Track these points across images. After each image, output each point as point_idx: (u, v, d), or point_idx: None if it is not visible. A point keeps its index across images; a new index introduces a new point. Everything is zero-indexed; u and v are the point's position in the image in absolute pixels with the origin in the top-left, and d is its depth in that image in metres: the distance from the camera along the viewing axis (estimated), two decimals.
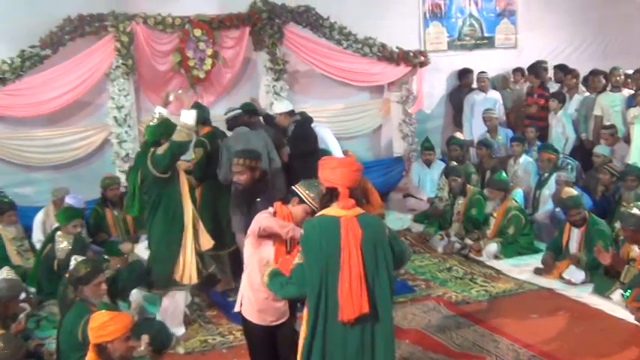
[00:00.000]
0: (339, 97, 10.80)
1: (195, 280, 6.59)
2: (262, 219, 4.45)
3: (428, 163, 10.55)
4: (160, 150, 6.33)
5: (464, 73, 11.64)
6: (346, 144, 10.30)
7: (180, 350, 6.45)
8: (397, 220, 9.73)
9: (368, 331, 3.91)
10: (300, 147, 8.15)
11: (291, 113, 8.54)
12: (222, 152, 7.46)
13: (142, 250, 7.21)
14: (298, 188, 4.66)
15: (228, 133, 8.01)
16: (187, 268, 6.44)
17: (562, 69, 11.35)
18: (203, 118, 7.66)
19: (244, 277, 4.69)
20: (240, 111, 8.24)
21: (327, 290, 3.86)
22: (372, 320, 3.89)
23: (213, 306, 7.42)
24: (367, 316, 3.84)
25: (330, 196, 3.96)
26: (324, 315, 3.89)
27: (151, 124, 6.60)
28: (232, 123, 8.08)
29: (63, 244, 6.66)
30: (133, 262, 6.89)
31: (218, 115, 8.53)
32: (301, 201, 4.61)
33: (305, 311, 4.01)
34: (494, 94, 11.35)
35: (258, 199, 6.22)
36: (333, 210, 3.92)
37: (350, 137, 10.80)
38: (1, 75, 8.44)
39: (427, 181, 10.49)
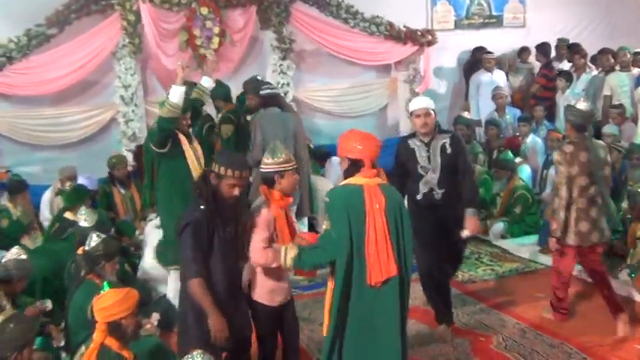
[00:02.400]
0: (346, 75, 10.77)
1: None
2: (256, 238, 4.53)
3: None
4: (154, 126, 6.38)
5: (478, 51, 11.52)
6: (352, 123, 10.14)
7: None
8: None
9: (396, 294, 4.09)
10: None
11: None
12: (256, 132, 7.43)
13: (152, 229, 7.21)
14: (264, 165, 4.62)
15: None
16: None
17: (571, 47, 11.27)
18: (225, 95, 7.65)
19: (249, 265, 4.68)
20: (277, 91, 8.14)
21: (356, 255, 4.03)
22: (399, 284, 4.09)
23: None
24: (395, 280, 4.06)
25: (354, 167, 4.17)
26: (354, 280, 4.04)
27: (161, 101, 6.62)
28: (269, 101, 7.82)
29: (85, 221, 6.56)
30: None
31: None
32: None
33: (331, 281, 4.15)
34: (501, 74, 11.28)
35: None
36: (355, 179, 4.14)
37: (356, 116, 10.78)
38: (8, 54, 8.44)
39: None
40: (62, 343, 5.49)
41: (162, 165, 6.38)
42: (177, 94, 6.08)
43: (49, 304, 5.77)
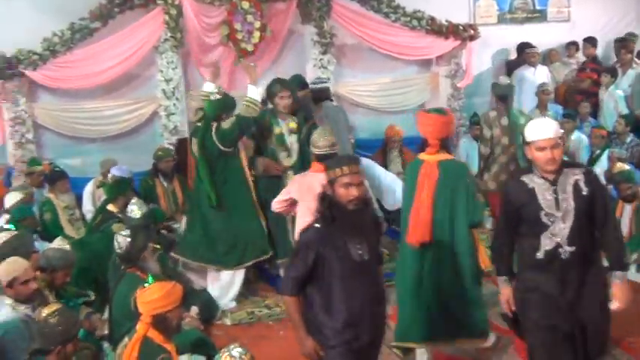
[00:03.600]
0: (387, 70, 10.70)
1: (267, 254, 6.68)
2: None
3: (477, 139, 10.40)
4: (226, 124, 6.45)
5: (522, 46, 11.39)
6: (393, 118, 10.27)
7: (228, 322, 6.55)
8: None
9: (428, 260, 4.97)
10: None
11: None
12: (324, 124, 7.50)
13: None
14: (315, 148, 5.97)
15: None
16: None
17: (618, 42, 11.07)
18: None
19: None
20: (327, 84, 8.21)
21: (408, 216, 4.96)
22: (433, 252, 4.91)
23: (259, 278, 7.50)
24: (429, 247, 4.91)
25: (424, 144, 5.16)
26: (402, 236, 5.09)
27: (211, 98, 6.63)
28: (322, 95, 8.03)
29: (133, 212, 6.62)
30: None
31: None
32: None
33: None
34: (544, 70, 11.14)
35: None
36: (421, 155, 5.09)
37: (397, 111, 10.71)
38: (52, 47, 8.51)
39: (475, 157, 10.34)
40: (105, 332, 5.56)
41: (219, 163, 6.47)
42: (257, 93, 6.73)
43: (91, 295, 5.85)
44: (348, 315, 4.00)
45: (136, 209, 6.57)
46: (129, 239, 5.41)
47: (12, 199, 7.49)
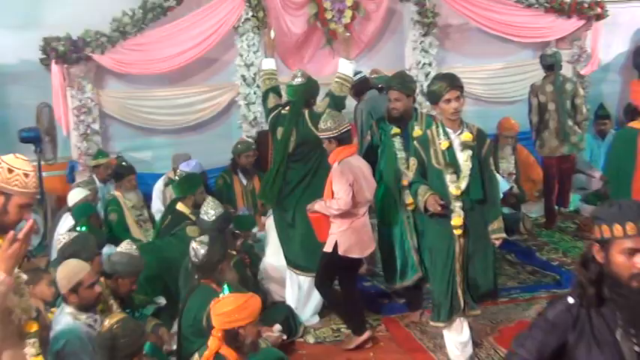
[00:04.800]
0: (498, 55, 10.60)
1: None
2: None
3: (602, 135, 10.14)
4: (320, 108, 6.42)
5: None
6: (504, 110, 10.08)
7: (310, 339, 6.50)
8: None
9: None
10: None
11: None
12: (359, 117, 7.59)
13: (273, 225, 7.20)
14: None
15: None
16: None
17: None
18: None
19: None
20: (365, 74, 8.22)
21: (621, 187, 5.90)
22: None
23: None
24: None
25: (633, 114, 6.04)
26: None
27: (294, 83, 6.62)
28: (363, 86, 8.09)
29: (206, 215, 6.63)
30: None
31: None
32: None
33: None
34: None
35: None
36: (633, 123, 5.86)
37: (509, 102, 10.59)
38: (122, 28, 8.66)
39: (601, 156, 10.07)
40: (174, 347, 5.60)
41: (315, 154, 6.49)
42: (348, 67, 6.70)
43: (162, 300, 5.89)
44: None
45: (210, 210, 6.54)
46: (205, 247, 5.41)
47: (75, 196, 7.58)
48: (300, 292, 6.73)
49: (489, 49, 10.48)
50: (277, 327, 6.19)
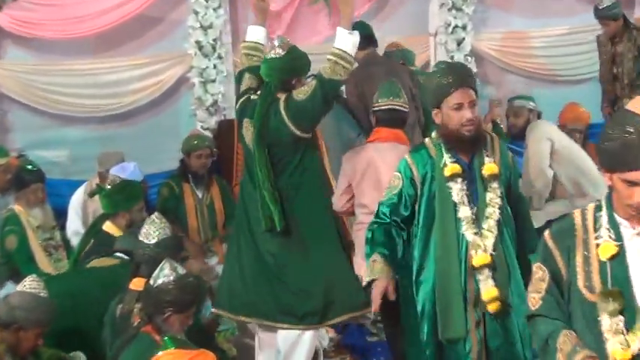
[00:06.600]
0: (559, 15, 10.69)
1: (361, 309, 6.51)
2: None
3: None
4: (301, 94, 6.24)
5: None
6: (565, 92, 10.16)
7: None
8: None
9: None
10: None
11: None
12: None
13: None
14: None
15: None
16: None
17: None
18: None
19: None
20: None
21: None
22: None
23: (342, 348, 7.62)
24: None
25: None
26: None
27: (271, 55, 6.49)
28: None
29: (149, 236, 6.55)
30: None
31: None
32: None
33: None
34: None
35: None
36: None
37: (576, 81, 10.66)
38: None
39: None
40: None
41: (291, 158, 6.29)
42: (347, 40, 6.26)
43: (80, 358, 5.89)
44: None
45: (153, 232, 6.45)
46: (177, 277, 5.26)
47: None
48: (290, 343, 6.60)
49: (548, 6, 10.54)
50: None
